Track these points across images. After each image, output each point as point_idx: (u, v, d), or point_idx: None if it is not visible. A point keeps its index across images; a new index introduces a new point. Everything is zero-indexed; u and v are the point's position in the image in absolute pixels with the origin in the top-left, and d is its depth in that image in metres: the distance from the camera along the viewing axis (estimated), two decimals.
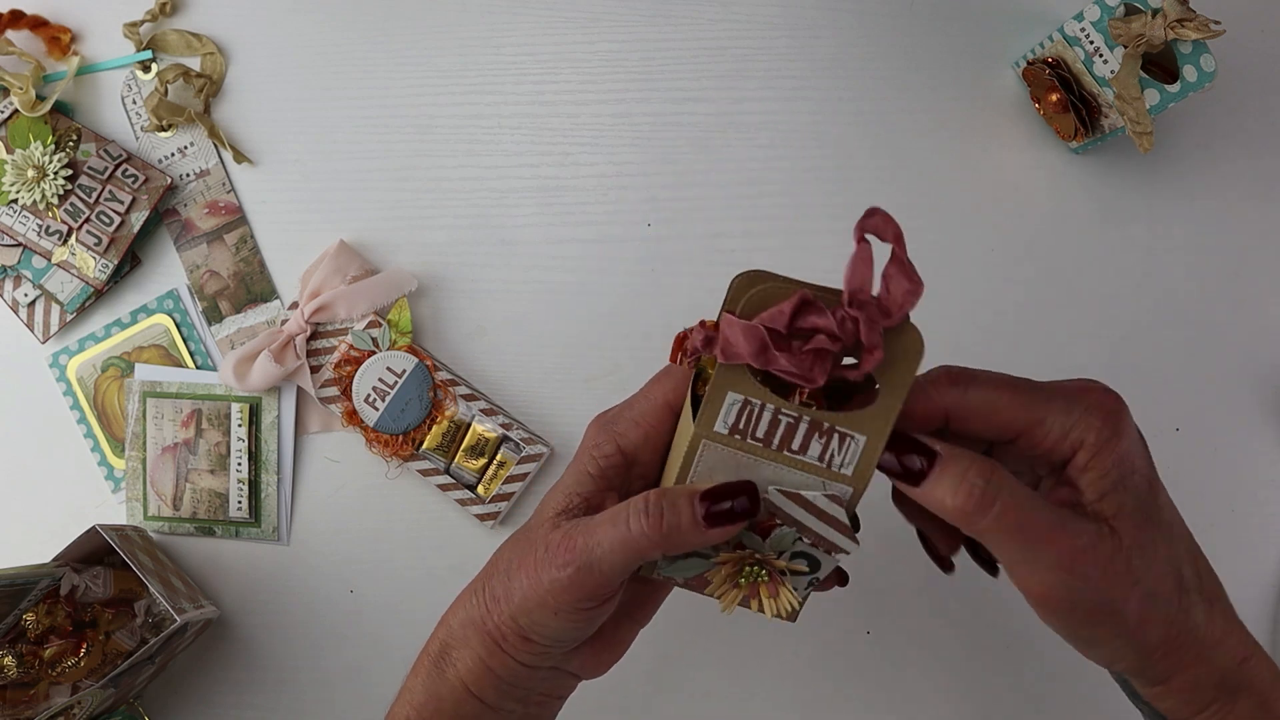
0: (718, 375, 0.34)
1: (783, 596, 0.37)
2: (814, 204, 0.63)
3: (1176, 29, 0.54)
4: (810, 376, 0.33)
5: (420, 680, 0.39)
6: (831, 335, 0.32)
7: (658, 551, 0.34)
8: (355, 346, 0.59)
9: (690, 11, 0.65)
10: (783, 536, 0.35)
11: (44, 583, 0.55)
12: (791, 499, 0.35)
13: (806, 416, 0.34)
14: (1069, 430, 0.34)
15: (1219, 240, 0.64)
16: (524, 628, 0.36)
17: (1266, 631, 0.61)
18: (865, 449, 0.34)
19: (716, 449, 0.34)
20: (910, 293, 0.33)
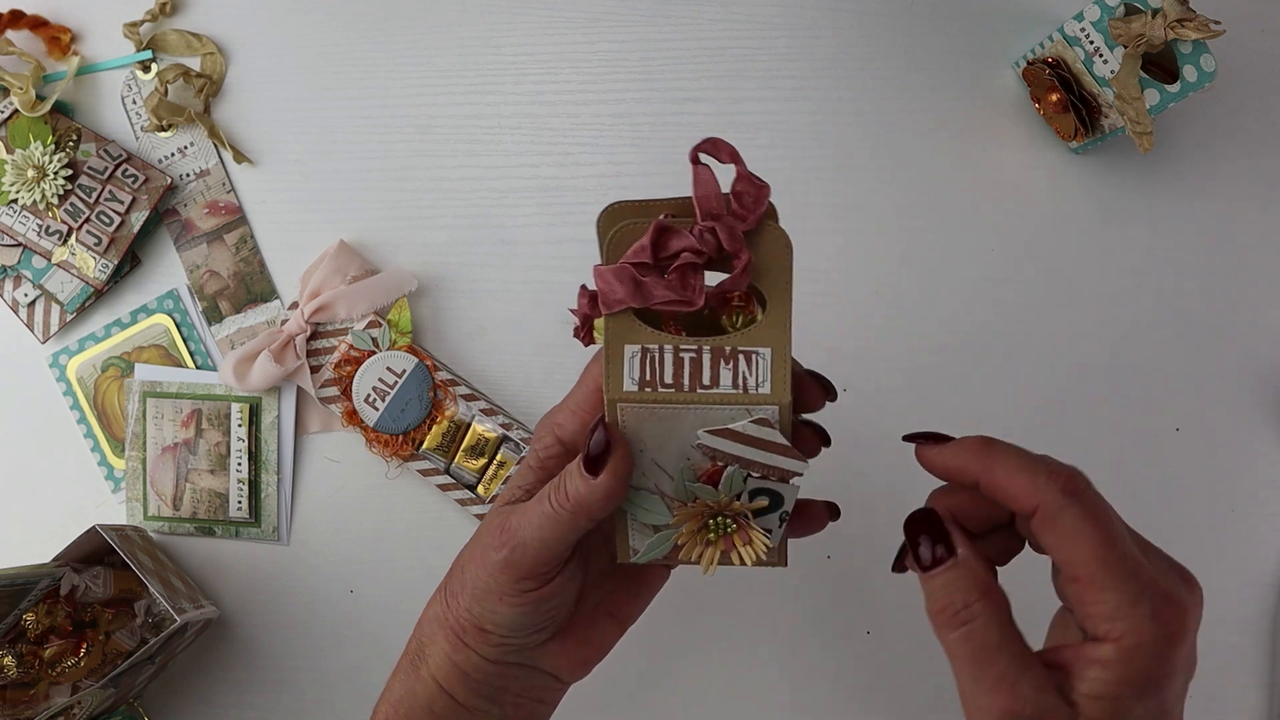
0: (609, 331, 0.34)
1: (755, 541, 0.36)
2: (814, 204, 0.63)
3: (1176, 29, 0.54)
4: (688, 299, 0.33)
5: (399, 679, 0.40)
6: (694, 251, 0.33)
7: (579, 522, 0.35)
8: (355, 346, 0.59)
9: (690, 11, 0.65)
10: (731, 478, 0.35)
11: (44, 583, 0.55)
12: (721, 435, 0.34)
13: (706, 346, 0.34)
14: (1116, 617, 0.30)
15: (1219, 240, 0.64)
16: (478, 617, 0.37)
17: (1266, 631, 0.61)
18: (774, 361, 0.34)
19: (634, 409, 0.34)
20: (758, 192, 0.33)
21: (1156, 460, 0.62)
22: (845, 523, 0.61)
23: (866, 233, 0.63)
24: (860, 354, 0.62)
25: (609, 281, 0.33)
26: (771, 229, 0.34)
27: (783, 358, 0.34)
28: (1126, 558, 0.31)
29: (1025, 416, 0.62)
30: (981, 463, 0.33)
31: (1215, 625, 0.61)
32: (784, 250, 0.34)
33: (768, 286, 0.34)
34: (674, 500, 0.36)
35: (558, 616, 0.39)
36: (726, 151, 0.33)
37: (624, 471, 0.34)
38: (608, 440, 0.34)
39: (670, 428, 0.34)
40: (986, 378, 0.62)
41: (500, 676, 0.38)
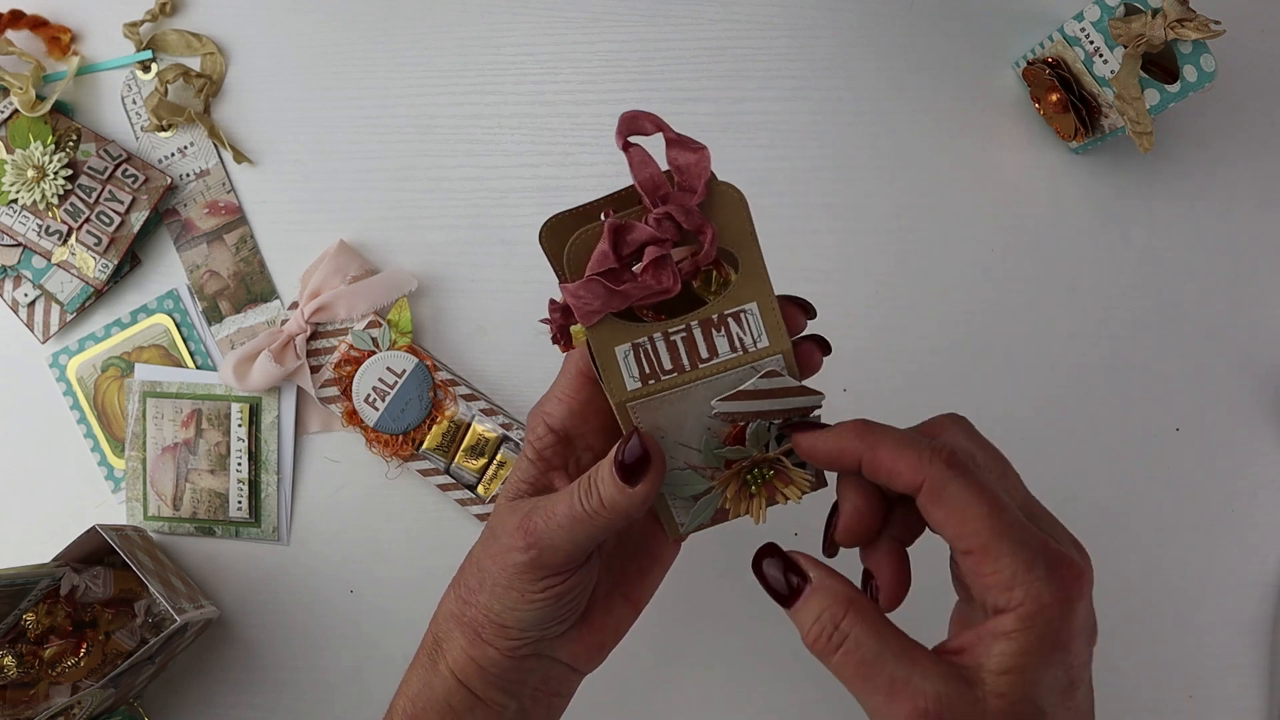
0: (593, 340, 0.34)
1: (795, 478, 0.36)
2: (814, 204, 0.63)
3: (1176, 29, 0.54)
4: (665, 288, 0.32)
5: (416, 673, 0.40)
6: (656, 241, 0.32)
7: (613, 525, 0.35)
8: (355, 346, 0.59)
9: (690, 11, 0.65)
10: (756, 431, 0.35)
11: (44, 583, 0.55)
12: (735, 399, 0.34)
13: (693, 322, 0.34)
14: (1014, 584, 0.30)
15: (1219, 240, 0.64)
16: (498, 615, 0.37)
17: (1266, 631, 0.61)
18: (763, 313, 0.34)
19: (644, 404, 0.34)
20: (698, 160, 0.32)
21: (1156, 460, 0.62)
22: None
23: (866, 232, 0.63)
24: (860, 354, 0.62)
25: (581, 296, 0.33)
26: (721, 189, 0.33)
27: (769, 307, 0.34)
28: (1016, 524, 0.31)
29: (1025, 416, 0.62)
30: (863, 443, 0.33)
31: (1215, 625, 0.61)
32: (739, 205, 0.33)
33: (733, 244, 0.33)
34: (706, 469, 0.36)
35: (577, 608, 0.39)
36: (650, 121, 0.32)
37: (660, 474, 0.34)
38: (645, 450, 0.34)
39: (684, 408, 0.34)
40: (986, 377, 0.62)
41: (518, 670, 0.38)
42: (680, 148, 0.32)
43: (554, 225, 0.34)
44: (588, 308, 0.33)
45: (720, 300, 0.34)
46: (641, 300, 0.33)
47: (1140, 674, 0.60)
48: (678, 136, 0.32)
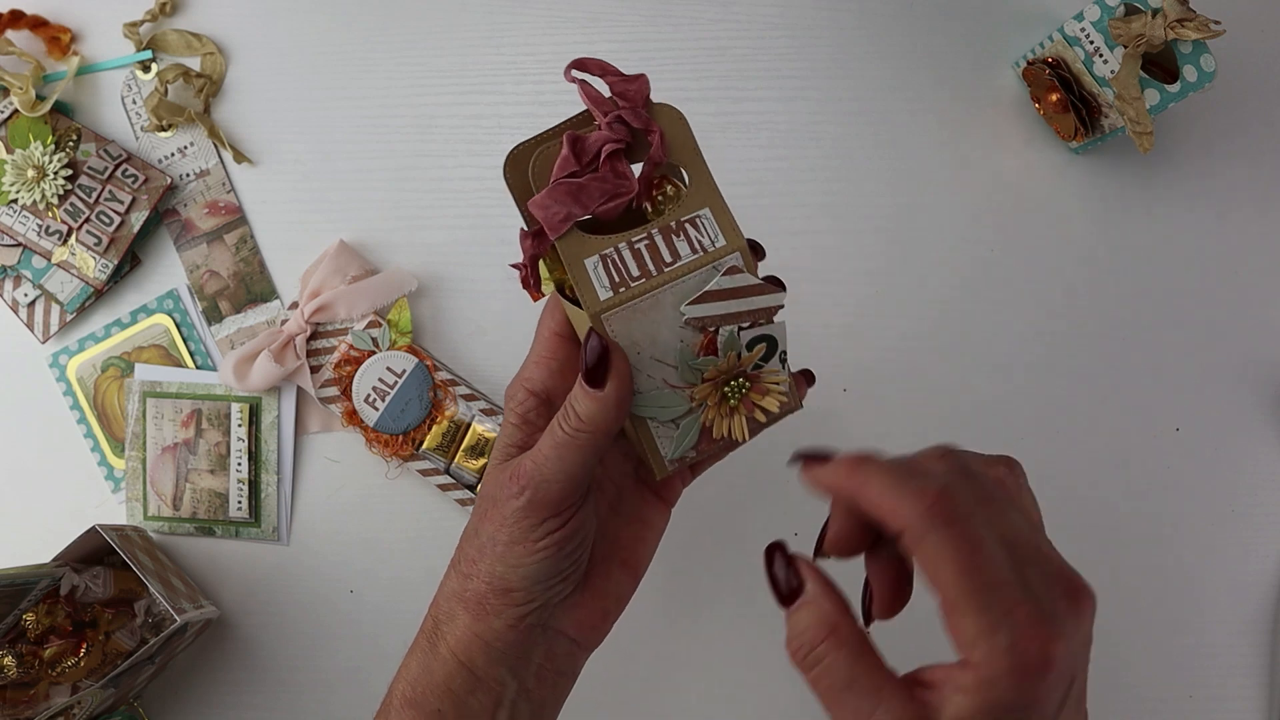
0: (564, 256, 0.35)
1: (771, 389, 0.37)
2: (814, 204, 0.63)
3: (1176, 29, 0.54)
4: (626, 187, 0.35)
5: (415, 657, 0.40)
6: (613, 139, 0.35)
7: (597, 441, 0.35)
8: (355, 346, 0.59)
9: (690, 11, 0.65)
10: (727, 339, 0.36)
11: (44, 583, 0.55)
12: (702, 301, 0.35)
13: (654, 229, 0.36)
14: (975, 644, 0.29)
15: (1219, 240, 0.64)
16: (501, 577, 0.37)
17: (1267, 631, 0.61)
18: (717, 215, 0.36)
19: (618, 314, 0.35)
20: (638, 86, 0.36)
21: (1156, 460, 0.62)
22: None
23: (866, 232, 0.63)
24: (859, 353, 0.62)
25: (548, 205, 0.35)
26: (662, 109, 0.36)
27: (722, 210, 0.36)
28: (987, 585, 0.29)
29: (1025, 416, 0.62)
30: (853, 483, 0.32)
31: (1215, 625, 0.61)
32: (680, 122, 0.36)
33: (679, 159, 0.36)
34: (684, 386, 0.37)
35: (579, 563, 0.39)
36: (595, 65, 0.36)
37: (625, 372, 0.35)
38: (603, 346, 0.35)
39: (655, 318, 0.35)
40: (986, 377, 0.62)
41: (522, 643, 0.38)
42: (623, 81, 0.36)
43: (517, 156, 0.36)
44: (555, 216, 0.35)
45: (675, 209, 0.36)
46: (605, 203, 0.35)
47: (1140, 674, 0.60)
48: (621, 74, 0.36)
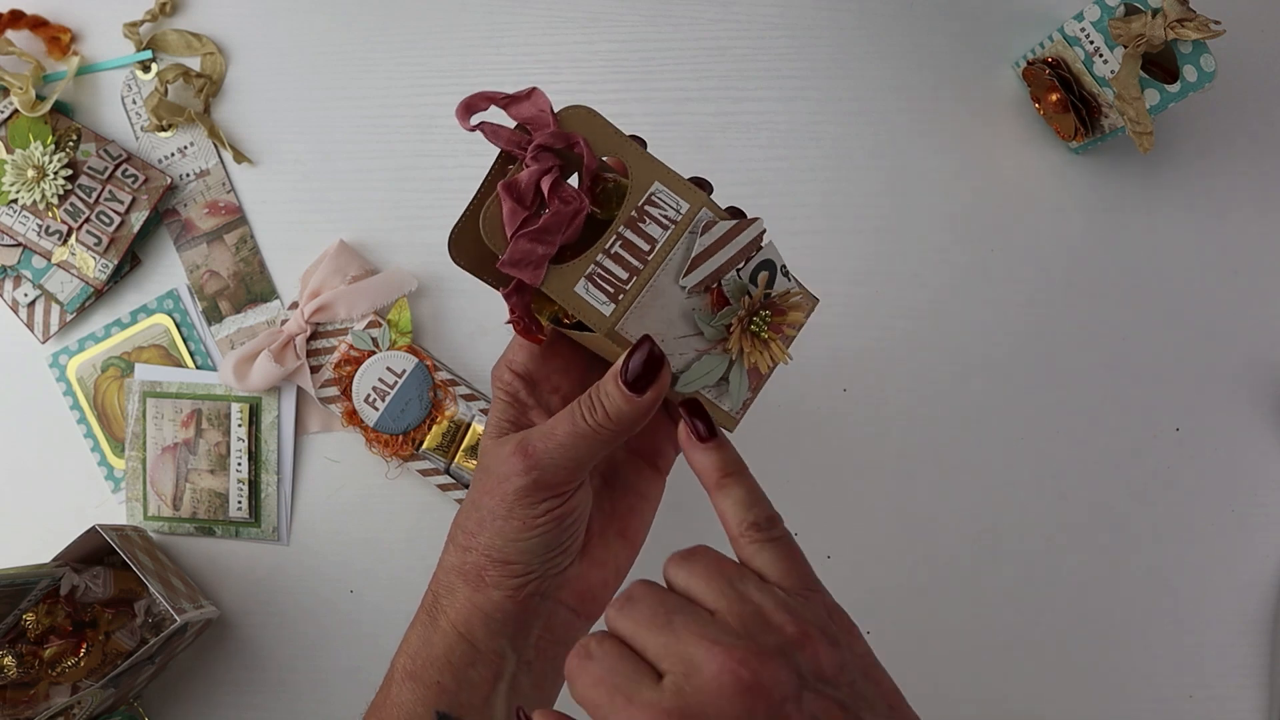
0: (555, 295, 0.35)
1: (790, 307, 0.38)
2: (813, 203, 0.63)
3: (1176, 29, 0.54)
4: (579, 205, 0.35)
5: (416, 630, 0.40)
6: (546, 170, 0.35)
7: (619, 438, 0.36)
8: (355, 346, 0.59)
9: (690, 11, 0.65)
10: (732, 286, 0.36)
11: (44, 583, 0.55)
12: (695, 266, 0.36)
13: (619, 227, 0.35)
14: None
15: (1219, 240, 0.64)
16: (500, 550, 0.38)
17: (1266, 631, 0.61)
18: (667, 183, 0.36)
19: (627, 319, 0.35)
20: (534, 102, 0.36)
21: (1156, 460, 0.62)
22: (845, 522, 0.61)
23: (866, 232, 0.63)
24: (859, 353, 0.62)
25: (518, 259, 0.35)
26: (570, 113, 0.36)
27: (669, 177, 0.36)
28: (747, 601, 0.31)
29: (1025, 416, 0.62)
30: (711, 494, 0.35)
31: (1215, 625, 0.61)
32: (591, 117, 0.36)
33: (609, 151, 0.36)
34: (715, 345, 0.37)
35: (577, 534, 0.39)
36: (481, 100, 0.36)
37: (667, 381, 0.35)
38: (656, 357, 0.35)
39: (662, 303, 0.36)
40: (986, 377, 0.62)
41: (522, 614, 0.38)
42: (516, 104, 0.36)
43: (457, 238, 0.37)
44: (528, 263, 0.35)
45: (629, 197, 0.36)
46: (566, 230, 0.35)
47: (1140, 674, 0.60)
48: (507, 97, 0.36)
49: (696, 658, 0.28)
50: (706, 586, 0.31)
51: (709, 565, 0.32)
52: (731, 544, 0.34)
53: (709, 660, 0.28)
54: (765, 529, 0.33)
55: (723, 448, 0.36)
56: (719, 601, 0.31)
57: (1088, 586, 0.61)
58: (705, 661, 0.28)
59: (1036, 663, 0.60)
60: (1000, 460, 0.62)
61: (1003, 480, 0.62)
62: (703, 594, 0.31)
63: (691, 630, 0.29)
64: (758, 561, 0.33)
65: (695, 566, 0.32)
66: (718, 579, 0.31)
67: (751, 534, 0.33)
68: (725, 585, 0.31)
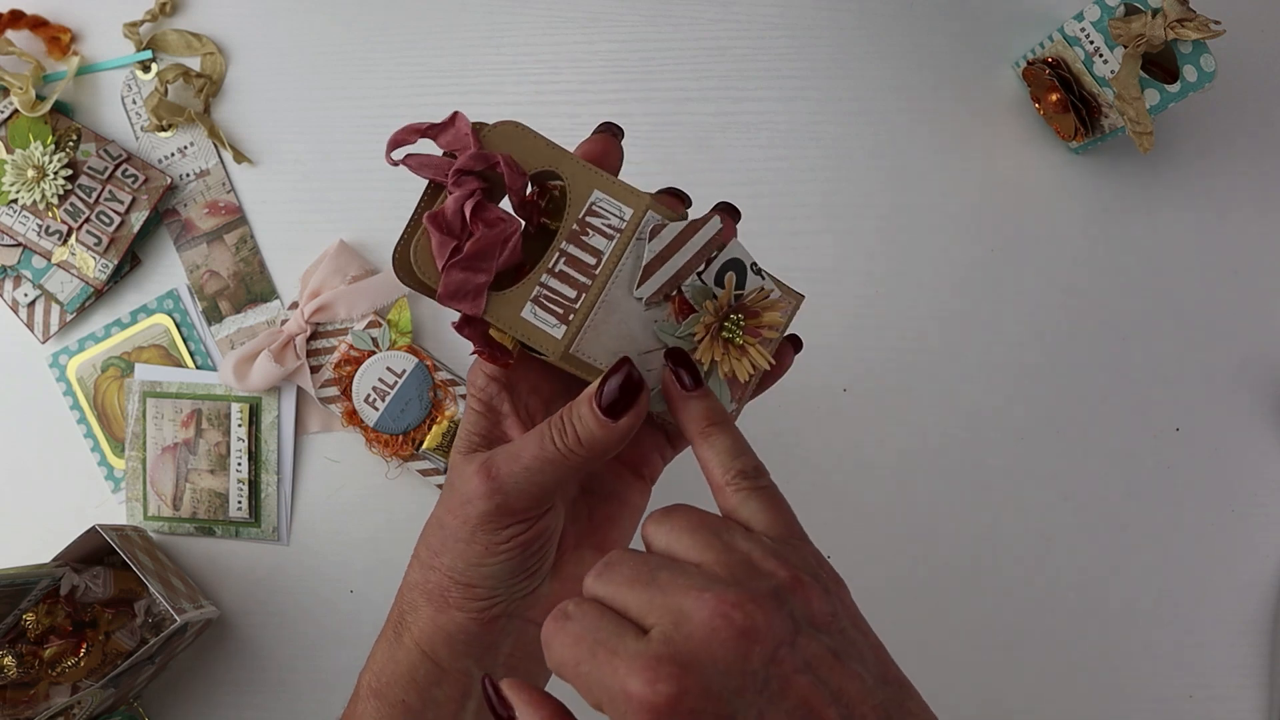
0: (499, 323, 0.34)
1: (765, 309, 0.36)
2: (813, 203, 0.63)
3: (1176, 29, 0.54)
4: (510, 226, 0.33)
5: (381, 647, 0.39)
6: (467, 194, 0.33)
7: (590, 464, 0.34)
8: (355, 346, 0.59)
9: (690, 11, 0.65)
10: (694, 291, 0.34)
11: (44, 583, 0.55)
12: (649, 274, 0.34)
13: (561, 243, 0.34)
14: None
15: (1219, 240, 0.64)
16: (462, 574, 0.36)
17: (1266, 632, 0.61)
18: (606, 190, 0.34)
19: (582, 340, 0.33)
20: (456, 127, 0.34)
21: (1156, 460, 0.62)
22: (845, 522, 0.61)
23: (865, 232, 0.63)
24: (859, 353, 0.62)
25: (453, 291, 0.33)
26: (496, 130, 0.34)
27: (609, 183, 0.34)
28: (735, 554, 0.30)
29: (1025, 416, 0.62)
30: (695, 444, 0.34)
31: (1215, 625, 0.61)
32: (521, 132, 0.34)
33: (540, 163, 0.34)
34: None
35: (545, 559, 0.37)
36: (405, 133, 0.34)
37: (645, 406, 0.33)
38: (634, 382, 0.33)
39: (618, 318, 0.34)
40: (986, 377, 0.62)
41: (489, 634, 0.37)
42: (439, 130, 0.34)
43: (399, 258, 0.34)
44: (465, 293, 0.33)
45: (567, 211, 0.34)
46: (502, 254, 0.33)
47: (1140, 674, 0.60)
48: (429, 125, 0.34)
49: (685, 606, 0.27)
50: (691, 540, 0.30)
51: (690, 519, 0.30)
52: (715, 494, 0.33)
53: (699, 607, 0.27)
54: (752, 477, 0.32)
55: (708, 396, 0.34)
56: (704, 554, 0.29)
57: (1088, 586, 0.61)
58: (695, 609, 0.27)
59: (1036, 663, 0.60)
60: (1000, 460, 0.62)
61: (1002, 480, 0.62)
62: (687, 549, 0.30)
63: (677, 582, 0.28)
64: (744, 511, 0.31)
65: (676, 521, 0.30)
66: (701, 531, 0.30)
67: (738, 482, 0.32)
68: (710, 537, 0.30)
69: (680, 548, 0.30)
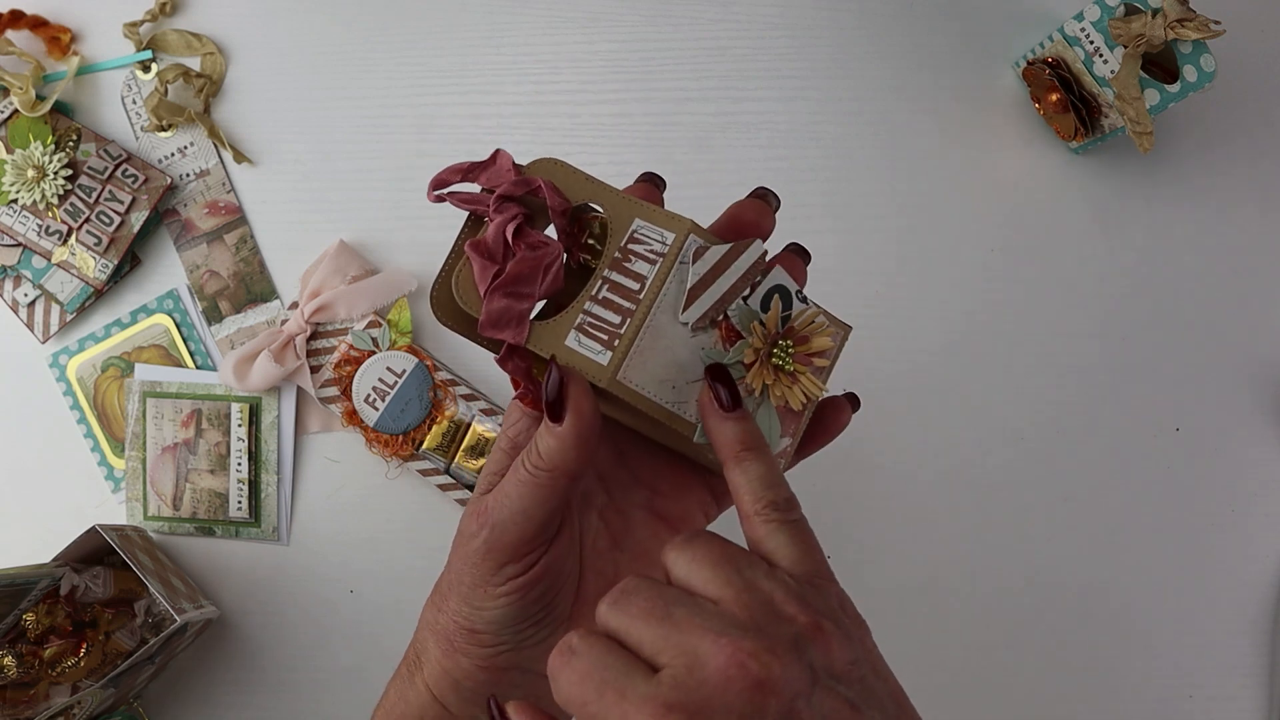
0: (544, 351, 0.33)
1: (814, 335, 0.35)
2: (814, 203, 0.63)
3: (1176, 29, 0.54)
4: (553, 251, 0.33)
5: (395, 686, 0.38)
6: (509, 219, 0.33)
7: (557, 482, 0.33)
8: (355, 346, 0.59)
9: (690, 11, 0.65)
10: (740, 315, 0.33)
11: (44, 583, 0.55)
12: (693, 298, 0.33)
13: (604, 270, 0.33)
14: None
15: (1219, 240, 0.64)
16: (467, 618, 0.35)
17: (1266, 631, 0.61)
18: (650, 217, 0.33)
19: (628, 367, 0.32)
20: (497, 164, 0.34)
21: (1156, 460, 0.62)
22: (845, 523, 0.61)
23: (866, 232, 0.63)
24: (859, 354, 0.62)
25: (496, 318, 0.32)
26: (534, 166, 0.34)
27: (648, 211, 0.33)
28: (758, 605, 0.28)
29: (1025, 416, 0.62)
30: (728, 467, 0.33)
31: (1215, 625, 0.61)
32: (557, 166, 0.34)
33: (580, 197, 0.34)
34: None
35: (553, 608, 0.36)
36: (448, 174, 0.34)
37: (586, 408, 0.32)
38: (560, 379, 0.32)
39: (664, 344, 0.33)
40: (986, 377, 0.62)
41: (495, 684, 0.36)
42: (480, 169, 0.34)
43: (438, 296, 0.34)
44: (508, 320, 0.32)
45: (609, 241, 0.33)
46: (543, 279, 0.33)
47: (1140, 674, 0.60)
48: (471, 165, 0.34)
49: (700, 650, 0.26)
50: (711, 574, 0.28)
51: (712, 550, 0.29)
52: (743, 522, 0.31)
53: (715, 653, 0.26)
54: (784, 509, 0.31)
55: (746, 419, 0.32)
56: (724, 590, 0.28)
57: (1088, 586, 0.61)
58: (711, 654, 0.26)
59: (1037, 663, 0.60)
60: (1000, 460, 0.62)
61: (1002, 480, 0.62)
62: (705, 582, 0.28)
63: (694, 622, 0.27)
64: (771, 543, 0.30)
65: (697, 552, 0.29)
66: (723, 565, 0.28)
67: (769, 513, 0.30)
68: (731, 572, 0.28)
69: (699, 580, 0.29)
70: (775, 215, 0.36)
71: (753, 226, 0.35)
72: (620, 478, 0.38)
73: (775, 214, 0.36)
